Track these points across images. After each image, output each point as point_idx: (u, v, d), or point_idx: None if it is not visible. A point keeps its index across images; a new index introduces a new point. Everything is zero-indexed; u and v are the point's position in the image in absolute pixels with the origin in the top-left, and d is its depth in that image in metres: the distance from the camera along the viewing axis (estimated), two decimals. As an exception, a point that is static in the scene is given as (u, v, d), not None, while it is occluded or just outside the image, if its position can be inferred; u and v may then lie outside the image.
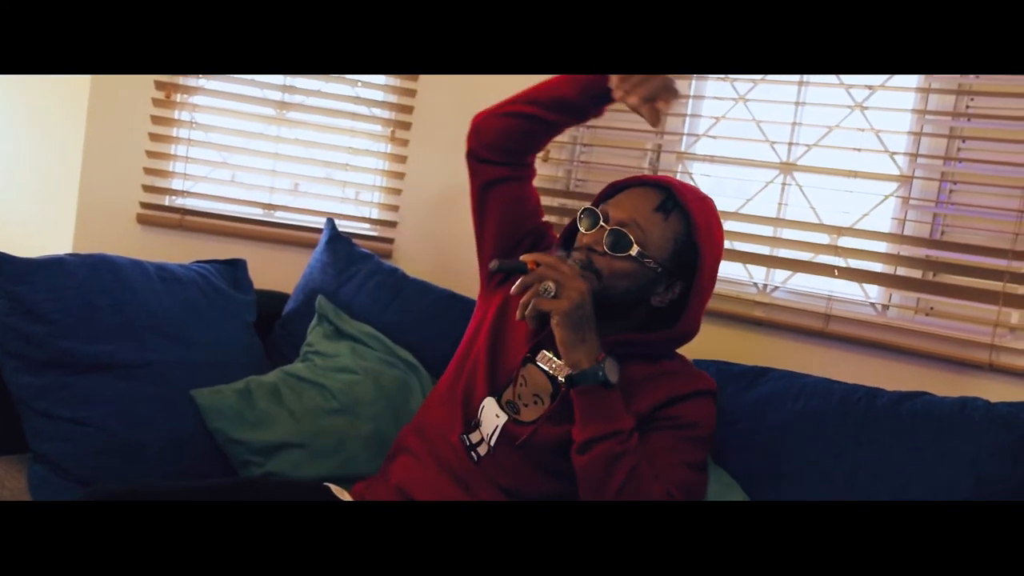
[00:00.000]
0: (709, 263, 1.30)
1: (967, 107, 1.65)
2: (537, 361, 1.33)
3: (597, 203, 1.34)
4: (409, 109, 2.14)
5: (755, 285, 1.83)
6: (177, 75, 2.04)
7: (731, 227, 1.78)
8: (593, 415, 1.20)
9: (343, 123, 2.13)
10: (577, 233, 1.33)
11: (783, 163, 1.81)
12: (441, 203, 2.16)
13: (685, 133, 1.94)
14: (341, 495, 1.38)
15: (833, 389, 1.38)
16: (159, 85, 2.05)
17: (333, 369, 1.64)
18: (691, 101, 1.93)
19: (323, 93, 2.11)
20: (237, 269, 1.82)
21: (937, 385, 1.43)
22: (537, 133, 1.39)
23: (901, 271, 1.69)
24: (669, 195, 1.30)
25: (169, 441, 1.50)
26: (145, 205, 2.07)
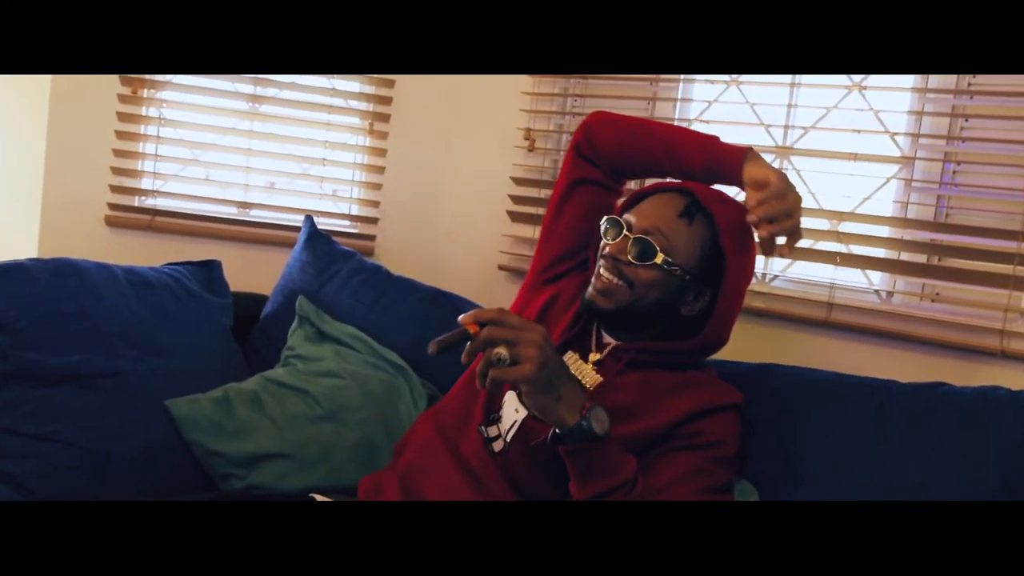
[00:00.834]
0: (734, 267, 1.25)
1: (969, 84, 1.60)
2: (564, 358, 1.29)
3: (620, 212, 1.31)
4: (388, 100, 2.09)
5: (754, 274, 1.76)
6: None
7: (728, 215, 1.72)
8: (592, 472, 1.11)
9: (319, 116, 2.08)
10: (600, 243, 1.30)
11: (779, 147, 1.75)
12: (424, 197, 2.12)
13: (676, 118, 1.88)
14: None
15: (845, 384, 1.33)
16: (125, 80, 1.99)
17: (316, 374, 1.59)
18: (681, 84, 1.87)
19: (297, 85, 2.06)
20: (212, 270, 1.76)
21: (947, 374, 1.39)
22: (647, 169, 1.41)
23: (905, 256, 1.64)
24: (692, 200, 1.27)
25: (142, 456, 1.43)
26: (113, 206, 2.02)
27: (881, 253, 1.66)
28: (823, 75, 1.70)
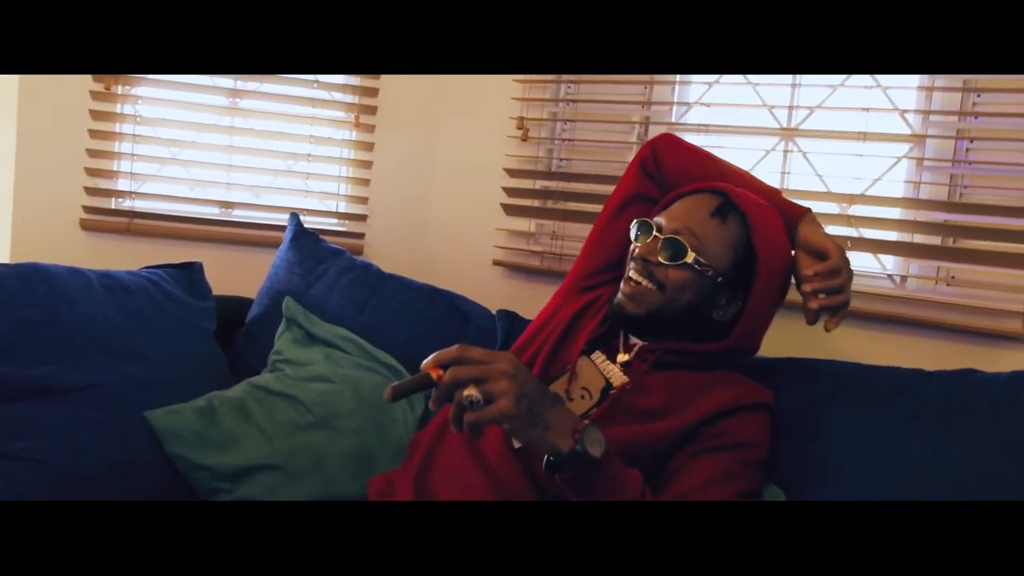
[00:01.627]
0: (766, 268, 1.21)
1: (981, 57, 1.53)
2: (591, 357, 1.29)
3: (652, 216, 1.30)
4: (374, 92, 2.03)
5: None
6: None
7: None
8: (597, 497, 1.04)
9: (303, 110, 2.01)
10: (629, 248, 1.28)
11: (784, 129, 1.69)
12: (415, 191, 2.07)
13: (675, 102, 1.82)
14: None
15: (869, 376, 1.26)
16: (97, 77, 1.92)
17: (306, 378, 1.53)
18: (680, 67, 1.80)
19: (279, 78, 1.99)
20: (192, 273, 1.70)
21: (966, 361, 1.34)
22: None
23: (918, 238, 1.59)
24: (726, 199, 1.24)
25: (121, 473, 1.35)
26: (88, 209, 1.95)
27: (893, 236, 1.60)
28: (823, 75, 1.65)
